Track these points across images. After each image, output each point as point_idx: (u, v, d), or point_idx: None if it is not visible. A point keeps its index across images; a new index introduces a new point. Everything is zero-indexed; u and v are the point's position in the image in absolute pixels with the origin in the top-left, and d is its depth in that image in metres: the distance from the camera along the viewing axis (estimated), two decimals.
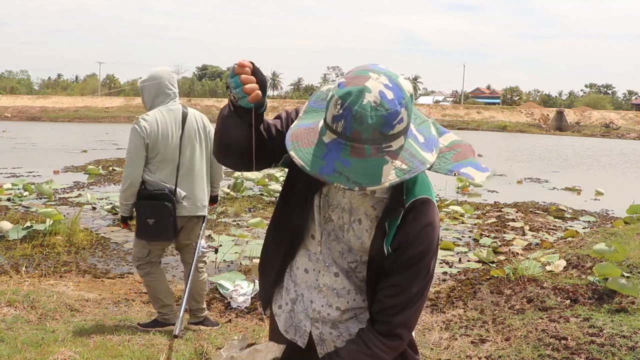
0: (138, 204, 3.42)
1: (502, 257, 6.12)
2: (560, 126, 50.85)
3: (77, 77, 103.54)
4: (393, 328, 1.32)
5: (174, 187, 3.43)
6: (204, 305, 3.78)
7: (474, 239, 7.16)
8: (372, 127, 1.13)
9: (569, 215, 9.08)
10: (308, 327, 1.48)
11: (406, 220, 1.28)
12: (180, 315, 3.26)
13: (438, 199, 10.10)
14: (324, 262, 1.43)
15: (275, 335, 1.55)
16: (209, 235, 6.81)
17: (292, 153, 1.20)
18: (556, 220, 8.69)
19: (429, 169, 1.24)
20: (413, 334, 1.45)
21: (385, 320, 1.33)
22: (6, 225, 6.14)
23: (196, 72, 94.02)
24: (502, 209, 9.44)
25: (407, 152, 1.19)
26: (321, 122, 1.23)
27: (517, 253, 6.26)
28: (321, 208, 1.41)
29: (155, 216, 3.39)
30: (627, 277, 4.09)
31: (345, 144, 1.15)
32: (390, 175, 1.15)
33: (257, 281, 4.78)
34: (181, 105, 3.54)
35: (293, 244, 1.47)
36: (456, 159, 1.32)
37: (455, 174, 1.27)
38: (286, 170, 1.49)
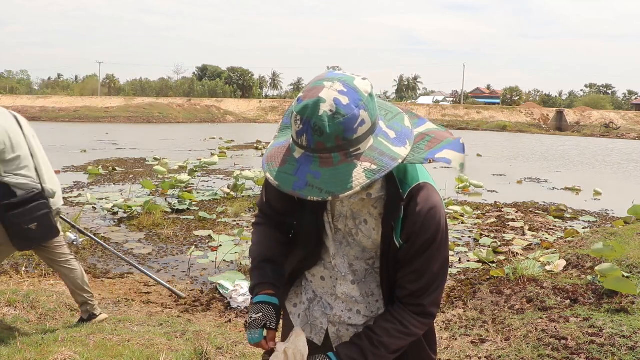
0: (12, 215, 3.15)
1: (502, 257, 6.12)
2: (560, 126, 50.84)
3: (76, 77, 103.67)
4: (425, 308, 1.36)
5: (40, 185, 3.29)
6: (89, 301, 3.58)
7: (474, 239, 7.15)
8: (334, 135, 1.13)
9: (569, 215, 9.08)
10: (325, 324, 1.52)
11: (409, 210, 1.30)
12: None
13: None
14: (340, 273, 1.47)
15: (288, 333, 1.56)
16: (209, 235, 6.82)
17: (267, 175, 1.22)
18: (556, 220, 8.68)
19: (403, 162, 1.23)
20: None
21: (415, 303, 1.36)
22: None
23: (196, 72, 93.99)
24: (502, 209, 9.44)
25: (377, 151, 1.18)
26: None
27: (517, 253, 6.26)
28: (330, 224, 1.44)
29: (38, 219, 3.21)
30: (627, 277, 4.09)
31: (313, 156, 1.17)
32: (361, 178, 1.15)
33: None
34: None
35: (308, 254, 1.51)
36: (430, 146, 1.29)
37: (430, 160, 1.25)
38: None
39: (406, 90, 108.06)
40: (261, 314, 1.39)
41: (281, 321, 1.67)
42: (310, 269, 1.53)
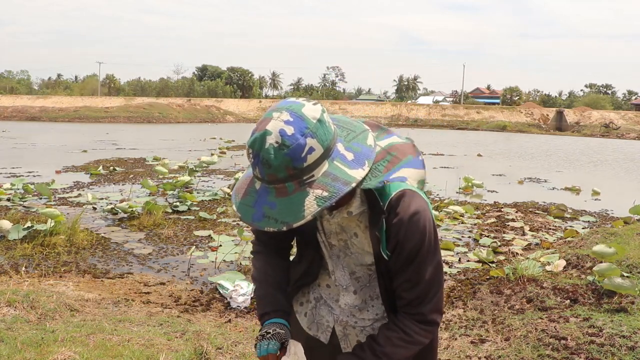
0: None
1: (502, 257, 6.12)
2: (560, 126, 50.83)
3: (76, 77, 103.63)
4: (426, 316, 1.35)
5: None
6: None
7: (474, 239, 7.16)
8: (282, 166, 1.14)
9: (569, 215, 9.08)
10: (331, 322, 1.53)
11: (390, 221, 1.29)
12: None
13: (438, 198, 10.10)
14: (341, 286, 1.49)
15: (295, 332, 1.57)
16: (209, 235, 6.81)
17: (233, 207, 1.25)
18: (556, 220, 8.69)
19: (358, 185, 1.22)
20: None
21: (415, 311, 1.35)
22: (6, 224, 6.14)
23: (196, 72, 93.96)
24: (502, 209, 9.44)
25: (330, 176, 1.18)
26: None
27: (517, 253, 6.26)
28: (324, 242, 1.46)
29: None
30: (627, 277, 4.09)
31: (269, 187, 1.18)
32: (312, 207, 1.15)
33: None
34: None
35: (309, 270, 1.53)
36: (389, 167, 1.28)
37: (386, 182, 1.25)
38: None
39: (406, 90, 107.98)
40: (284, 331, 1.42)
41: None
42: (312, 282, 1.55)
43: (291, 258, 1.62)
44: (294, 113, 1.17)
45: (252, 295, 4.49)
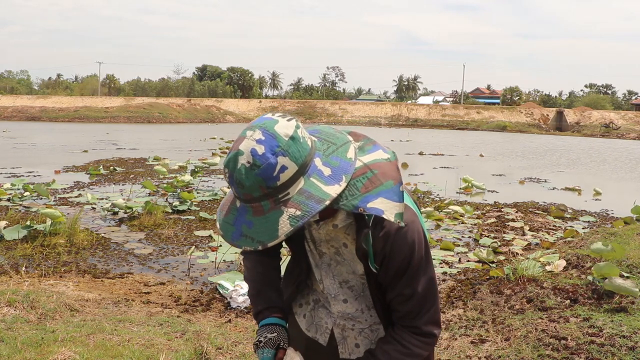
0: None
1: (502, 257, 6.12)
2: (560, 126, 50.84)
3: (76, 77, 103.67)
4: (421, 328, 1.34)
5: None
6: None
7: (474, 239, 7.15)
8: (256, 186, 1.14)
9: (569, 215, 9.07)
10: (330, 324, 1.51)
11: (376, 235, 1.27)
12: None
13: (438, 198, 10.09)
14: (329, 294, 1.47)
15: (293, 333, 1.57)
16: (210, 235, 6.81)
17: (217, 225, 1.25)
18: (556, 220, 8.68)
19: (334, 201, 1.19)
20: None
21: (411, 324, 1.34)
22: (3, 224, 6.14)
23: (196, 72, 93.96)
24: (502, 209, 9.44)
25: (305, 194, 1.16)
26: None
27: (517, 253, 6.25)
28: (312, 252, 1.46)
29: None
30: (627, 277, 4.09)
31: (246, 206, 1.18)
32: (285, 226, 1.14)
33: None
34: None
35: (301, 278, 1.52)
36: (367, 188, 1.21)
37: (361, 210, 1.19)
38: None
39: (406, 90, 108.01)
40: (276, 334, 1.42)
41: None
42: (308, 285, 1.55)
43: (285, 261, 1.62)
44: (266, 131, 1.15)
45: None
